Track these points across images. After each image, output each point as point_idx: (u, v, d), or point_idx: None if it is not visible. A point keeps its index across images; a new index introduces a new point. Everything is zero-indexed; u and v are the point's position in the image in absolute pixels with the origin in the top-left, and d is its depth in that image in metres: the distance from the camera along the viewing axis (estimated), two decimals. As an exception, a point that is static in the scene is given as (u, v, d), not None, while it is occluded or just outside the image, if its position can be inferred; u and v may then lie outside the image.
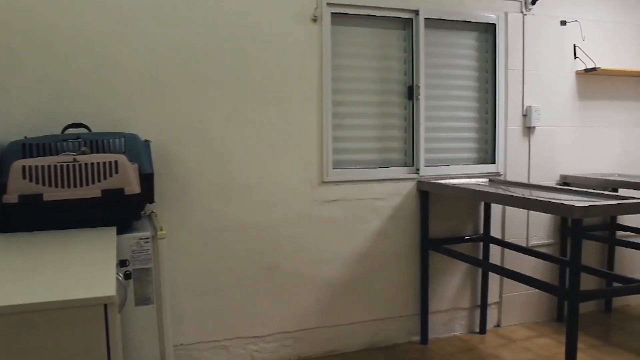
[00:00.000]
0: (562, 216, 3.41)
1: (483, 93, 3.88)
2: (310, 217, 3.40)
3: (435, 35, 3.69)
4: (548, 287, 2.64)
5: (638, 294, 2.60)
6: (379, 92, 3.59)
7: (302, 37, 3.29)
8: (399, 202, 3.63)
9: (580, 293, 2.42)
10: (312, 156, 3.38)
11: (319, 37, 3.32)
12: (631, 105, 4.38)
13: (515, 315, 4.04)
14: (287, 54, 3.26)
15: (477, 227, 3.88)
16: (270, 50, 3.23)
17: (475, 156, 3.91)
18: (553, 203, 2.53)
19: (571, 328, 2.43)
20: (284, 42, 3.25)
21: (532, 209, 2.62)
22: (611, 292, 2.56)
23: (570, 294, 2.42)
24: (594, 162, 4.25)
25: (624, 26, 4.28)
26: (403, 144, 3.69)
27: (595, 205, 2.41)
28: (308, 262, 3.42)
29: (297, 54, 3.29)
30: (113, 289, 1.22)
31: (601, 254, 4.34)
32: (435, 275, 3.77)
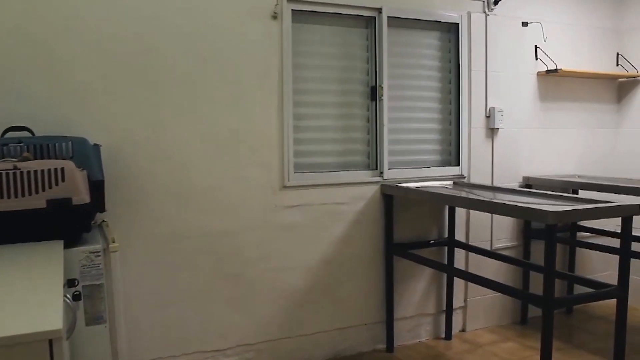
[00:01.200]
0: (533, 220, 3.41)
1: (446, 94, 3.85)
2: (272, 223, 3.29)
3: (399, 35, 3.64)
4: (522, 294, 2.62)
5: (611, 298, 2.60)
6: (341, 93, 3.51)
7: (262, 35, 3.18)
8: (362, 207, 3.55)
9: (555, 300, 2.39)
10: (272, 160, 3.27)
11: (279, 35, 3.21)
12: (590, 106, 4.44)
13: (480, 319, 4.03)
14: (246, 53, 3.14)
15: (442, 230, 3.85)
16: (229, 49, 3.10)
17: (439, 158, 3.87)
18: (527, 208, 2.50)
19: (546, 335, 2.40)
20: (242, 40, 3.13)
21: (505, 215, 2.58)
22: (585, 298, 2.55)
23: (545, 302, 2.39)
24: (555, 163, 4.28)
25: (584, 28, 4.34)
26: (366, 146, 3.62)
27: (569, 211, 2.39)
28: (270, 270, 3.31)
29: (257, 52, 3.17)
30: (59, 321, 1.07)
31: (562, 256, 4.38)
32: (401, 280, 3.72)
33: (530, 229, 4.09)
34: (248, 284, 3.26)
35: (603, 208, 2.51)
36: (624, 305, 2.64)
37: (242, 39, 3.13)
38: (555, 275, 2.41)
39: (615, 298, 2.62)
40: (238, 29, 3.12)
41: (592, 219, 2.49)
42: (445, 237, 3.86)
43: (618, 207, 2.54)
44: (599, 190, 3.74)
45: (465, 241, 3.92)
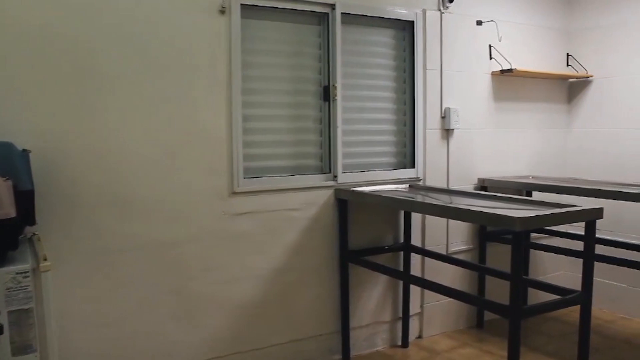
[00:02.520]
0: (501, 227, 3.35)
1: (401, 94, 3.77)
2: (220, 232, 3.11)
3: (353, 32, 3.52)
4: (488, 304, 2.55)
5: (576, 305, 2.56)
6: (292, 93, 3.36)
7: (209, 31, 2.99)
8: (316, 212, 3.42)
9: (523, 310, 2.32)
10: (221, 164, 3.08)
11: (227, 31, 3.04)
12: (543, 106, 4.46)
13: (436, 324, 3.97)
14: (192, 50, 2.95)
15: (398, 235, 3.76)
16: (172, 45, 2.90)
17: (394, 161, 3.79)
18: (494, 215, 2.44)
19: (513, 346, 2.33)
20: (188, 36, 2.93)
21: (471, 221, 2.50)
22: (552, 305, 2.51)
23: (512, 312, 2.31)
24: (509, 164, 4.28)
25: (536, 28, 4.35)
26: (319, 149, 3.49)
27: (536, 217, 2.33)
28: (218, 282, 3.12)
29: (203, 49, 2.98)
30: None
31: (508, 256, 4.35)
32: (356, 288, 3.60)
33: (485, 232, 4.05)
34: (195, 297, 3.06)
35: (568, 213, 2.47)
36: (587, 311, 2.61)
37: (188, 35, 2.94)
38: (521, 284, 2.33)
39: (580, 304, 2.58)
40: (183, 24, 2.92)
41: (558, 224, 2.45)
42: (401, 241, 3.77)
43: (582, 212, 2.51)
44: (555, 192, 3.74)
45: (421, 245, 3.85)
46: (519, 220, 2.28)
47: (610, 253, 3.67)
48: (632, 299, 4.24)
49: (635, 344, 3.82)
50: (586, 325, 2.61)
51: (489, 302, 2.55)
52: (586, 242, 2.57)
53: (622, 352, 3.69)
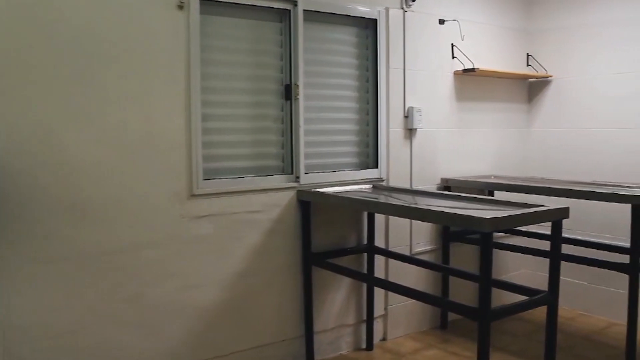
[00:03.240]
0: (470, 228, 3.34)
1: (364, 93, 3.73)
2: (179, 237, 3.00)
3: (315, 30, 3.46)
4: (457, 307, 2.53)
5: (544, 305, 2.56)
6: (253, 92, 3.28)
7: (166, 27, 2.88)
8: (278, 214, 3.34)
9: (492, 312, 2.30)
10: (179, 165, 2.98)
11: (185, 28, 2.93)
12: (504, 106, 4.50)
13: (400, 326, 3.95)
14: (149, 47, 2.84)
15: (361, 236, 3.72)
16: (127, 42, 2.78)
17: (357, 161, 3.75)
18: (463, 216, 2.42)
19: (483, 348, 2.30)
20: (144, 32, 2.82)
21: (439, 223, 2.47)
22: (521, 307, 2.50)
23: (481, 315, 2.28)
24: (471, 163, 4.30)
25: (497, 28, 4.38)
26: (281, 149, 3.42)
27: (505, 217, 2.31)
28: (177, 289, 3.01)
29: (161, 46, 2.87)
30: None
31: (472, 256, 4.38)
32: (320, 291, 3.55)
33: (449, 232, 4.05)
34: (153, 305, 2.94)
35: (536, 213, 2.47)
36: (554, 311, 2.61)
37: (144, 31, 2.82)
38: (491, 285, 2.31)
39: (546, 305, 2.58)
40: (139, 19, 2.80)
41: (527, 224, 2.44)
42: (365, 243, 3.73)
43: (550, 212, 2.51)
44: (517, 192, 3.77)
45: (385, 246, 3.81)
46: (488, 221, 2.26)
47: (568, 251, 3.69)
48: (590, 296, 4.31)
49: (596, 341, 3.87)
50: (553, 326, 2.61)
51: (458, 305, 2.52)
52: (553, 242, 2.58)
53: (583, 350, 3.73)
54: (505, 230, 4.27)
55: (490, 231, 2.28)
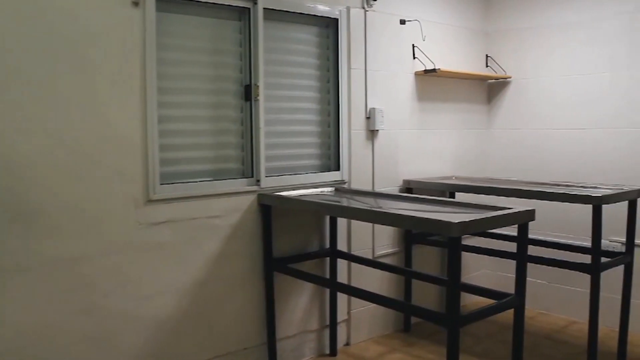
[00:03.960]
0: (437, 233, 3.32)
1: (325, 94, 3.67)
2: (135, 244, 2.88)
3: (275, 29, 3.39)
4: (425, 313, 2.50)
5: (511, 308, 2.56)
6: (212, 92, 3.19)
7: (121, 24, 2.76)
8: (238, 219, 3.25)
9: (461, 318, 2.28)
10: (134, 170, 2.86)
11: (141, 25, 2.81)
12: (464, 107, 4.53)
13: (364, 330, 3.92)
14: (101, 45, 2.71)
15: (324, 240, 3.67)
16: (79, 40, 2.65)
17: (319, 163, 3.70)
18: (430, 220, 2.40)
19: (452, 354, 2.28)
20: (97, 29, 2.69)
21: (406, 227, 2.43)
22: (489, 311, 2.49)
23: (450, 321, 2.26)
24: (433, 164, 4.31)
25: (457, 29, 4.40)
26: (241, 151, 3.33)
27: (472, 221, 2.30)
28: (134, 299, 2.90)
29: (115, 45, 2.75)
30: None
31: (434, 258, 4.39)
32: (282, 297, 3.48)
33: (411, 235, 4.04)
34: (108, 316, 2.82)
35: (503, 216, 2.47)
36: (521, 313, 2.62)
37: (96, 28, 2.69)
38: (459, 289, 2.29)
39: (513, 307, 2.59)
40: (92, 16, 2.67)
41: (494, 227, 2.44)
42: (327, 247, 3.68)
43: (516, 214, 2.52)
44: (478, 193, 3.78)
45: (347, 250, 3.77)
46: (457, 225, 2.23)
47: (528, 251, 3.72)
48: (550, 295, 4.38)
49: (557, 340, 3.94)
50: (520, 328, 2.62)
51: (426, 311, 2.50)
52: (519, 245, 2.58)
53: (546, 349, 3.79)
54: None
55: (458, 235, 2.26)
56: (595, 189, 3.43)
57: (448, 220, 2.26)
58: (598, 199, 3.06)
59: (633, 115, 3.92)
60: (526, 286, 2.58)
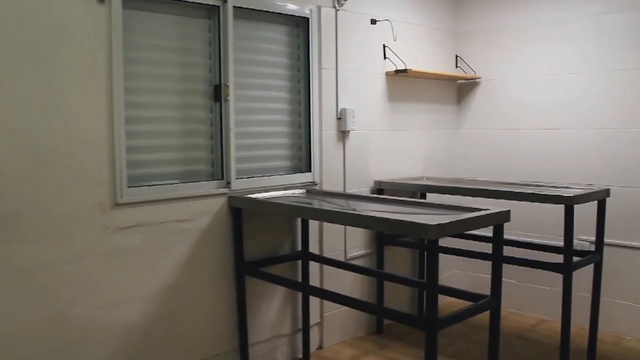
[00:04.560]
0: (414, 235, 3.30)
1: (296, 94, 3.63)
2: (102, 250, 2.79)
3: (245, 28, 3.33)
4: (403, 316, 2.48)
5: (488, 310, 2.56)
6: (181, 92, 3.12)
7: (85, 22, 2.67)
8: (209, 223, 3.19)
9: (439, 321, 2.26)
10: (101, 172, 2.77)
11: (107, 23, 2.73)
12: (434, 107, 4.55)
13: (336, 333, 3.90)
14: (66, 44, 2.62)
15: (295, 242, 3.63)
16: (43, 38, 2.55)
17: (290, 164, 3.66)
18: (407, 222, 2.39)
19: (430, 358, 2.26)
20: (61, 26, 2.60)
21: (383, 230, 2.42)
22: (467, 313, 2.48)
23: (429, 324, 2.25)
24: (403, 165, 4.32)
25: (427, 29, 4.42)
26: (210, 153, 3.27)
27: (450, 223, 2.28)
28: (101, 307, 2.81)
29: (79, 43, 2.66)
30: None
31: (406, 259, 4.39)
32: (254, 301, 3.43)
33: (382, 236, 4.03)
34: (76, 325, 2.72)
35: (480, 217, 2.47)
36: (497, 315, 2.63)
37: (60, 26, 2.60)
38: (437, 292, 2.28)
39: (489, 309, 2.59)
40: (55, 13, 2.58)
41: (471, 229, 2.43)
42: (299, 249, 3.64)
43: (492, 215, 2.52)
44: (450, 194, 3.80)
45: (319, 252, 3.74)
46: (434, 227, 2.22)
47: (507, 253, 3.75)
48: (520, 295, 4.43)
49: (528, 339, 3.98)
50: (496, 329, 2.63)
51: (403, 315, 2.48)
52: (495, 246, 2.59)
53: (518, 348, 3.83)
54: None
55: (436, 237, 2.25)
56: (568, 189, 3.47)
57: (425, 222, 2.25)
58: (570, 199, 3.10)
59: (601, 116, 3.99)
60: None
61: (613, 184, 3.79)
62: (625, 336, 3.96)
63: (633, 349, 3.78)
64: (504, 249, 3.73)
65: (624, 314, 3.95)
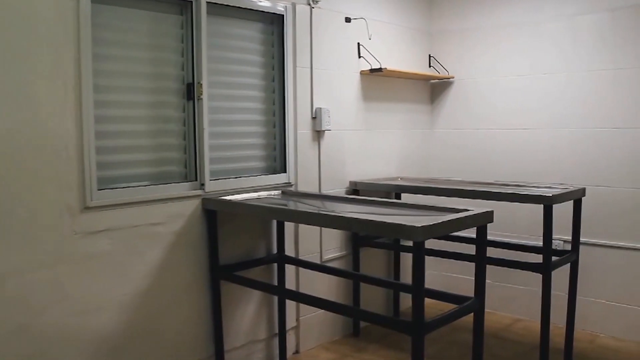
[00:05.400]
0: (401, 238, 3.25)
1: (270, 93, 3.56)
2: (71, 256, 2.67)
3: (218, 24, 3.25)
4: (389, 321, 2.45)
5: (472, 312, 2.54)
6: (153, 91, 3.02)
7: (52, 17, 2.54)
8: (182, 226, 3.09)
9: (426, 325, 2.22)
10: (70, 174, 2.65)
11: (75, 18, 2.61)
12: (408, 107, 4.53)
13: (313, 337, 3.84)
14: (32, 38, 2.49)
15: (271, 245, 3.56)
16: (7, 33, 2.41)
17: (265, 165, 3.58)
18: (392, 224, 2.35)
19: (416, 365, 2.22)
20: (26, 20, 2.46)
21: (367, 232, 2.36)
22: (453, 316, 2.44)
23: (416, 328, 2.21)
24: (378, 165, 4.29)
25: (401, 28, 4.40)
26: (183, 154, 3.17)
27: (436, 224, 2.25)
28: (71, 315, 2.68)
29: (46, 39, 2.53)
30: None
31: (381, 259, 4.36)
32: (229, 306, 3.34)
33: (358, 237, 3.98)
34: (47, 335, 2.59)
35: (464, 218, 2.45)
36: (481, 317, 2.60)
37: (26, 19, 2.46)
38: (424, 296, 2.24)
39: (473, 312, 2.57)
40: (20, 6, 2.44)
41: (457, 230, 2.40)
42: (275, 252, 3.57)
43: (477, 216, 2.49)
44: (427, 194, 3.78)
45: (295, 255, 3.67)
46: (421, 229, 2.18)
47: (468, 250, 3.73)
48: (495, 294, 4.43)
49: (504, 338, 3.99)
50: (480, 332, 2.61)
51: (389, 319, 2.47)
52: (478, 247, 2.56)
53: (495, 348, 3.83)
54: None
55: (423, 239, 2.20)
56: (542, 188, 3.49)
57: (412, 224, 2.20)
58: (549, 198, 3.10)
59: (574, 116, 4.03)
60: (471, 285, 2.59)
61: (586, 184, 3.83)
62: (599, 334, 4.00)
63: (607, 347, 3.82)
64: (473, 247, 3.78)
65: (598, 312, 4.00)
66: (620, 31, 3.80)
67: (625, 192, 3.85)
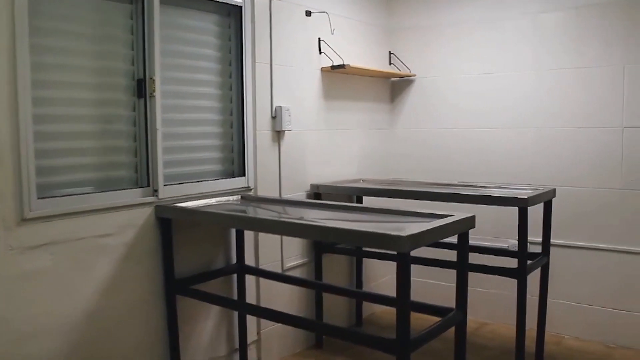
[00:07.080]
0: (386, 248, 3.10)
1: (227, 90, 3.29)
2: (6, 274, 2.33)
3: (172, 15, 2.97)
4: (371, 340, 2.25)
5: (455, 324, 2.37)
6: (99, 87, 2.71)
7: (-18, 0, 2.19)
8: (134, 237, 2.80)
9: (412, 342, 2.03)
10: (3, 182, 2.31)
11: (9, 5, 2.26)
12: (370, 106, 4.37)
13: (275, 350, 3.61)
14: (-43, 24, 2.13)
15: (230, 255, 3.30)
16: None
17: (222, 168, 3.32)
18: (376, 234, 2.13)
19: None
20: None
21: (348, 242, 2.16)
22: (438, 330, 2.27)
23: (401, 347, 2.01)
24: (340, 166, 4.11)
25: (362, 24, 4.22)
26: (134, 157, 2.86)
27: (422, 232, 2.07)
28: (8, 342, 2.35)
29: (-26, 25, 2.18)
30: None
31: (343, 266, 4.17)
32: (186, 323, 3.06)
33: (320, 244, 3.77)
34: (-25, 367, 2.24)
35: (449, 225, 2.28)
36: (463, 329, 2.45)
37: (-53, 2, 2.11)
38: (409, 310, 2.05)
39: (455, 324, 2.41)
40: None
41: (443, 238, 2.22)
42: (234, 262, 3.31)
43: (460, 222, 2.33)
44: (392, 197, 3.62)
45: (255, 264, 3.42)
46: (406, 239, 1.98)
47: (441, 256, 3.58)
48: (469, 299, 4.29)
49: (473, 343, 3.86)
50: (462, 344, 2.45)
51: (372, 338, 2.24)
52: (460, 254, 2.40)
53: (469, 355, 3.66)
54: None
55: (409, 250, 2.01)
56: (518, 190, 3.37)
57: (397, 233, 2.00)
58: (525, 201, 2.97)
59: (538, 115, 3.95)
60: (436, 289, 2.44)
61: (551, 183, 3.75)
62: (564, 335, 3.93)
63: (573, 348, 3.75)
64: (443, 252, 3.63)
65: (563, 314, 3.93)
66: (585, 29, 3.74)
67: (589, 192, 3.79)
